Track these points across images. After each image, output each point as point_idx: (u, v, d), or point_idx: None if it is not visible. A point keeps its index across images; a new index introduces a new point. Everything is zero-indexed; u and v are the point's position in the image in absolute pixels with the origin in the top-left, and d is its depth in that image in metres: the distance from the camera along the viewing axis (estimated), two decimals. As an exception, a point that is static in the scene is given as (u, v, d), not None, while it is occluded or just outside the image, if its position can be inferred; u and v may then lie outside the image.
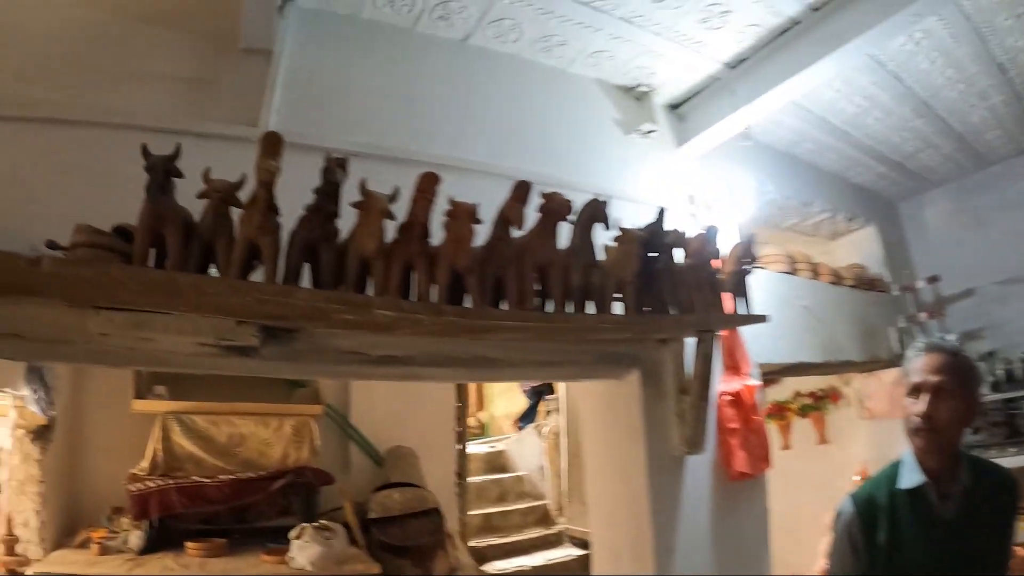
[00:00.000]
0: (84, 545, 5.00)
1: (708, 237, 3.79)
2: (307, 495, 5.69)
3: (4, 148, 2.94)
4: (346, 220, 2.73)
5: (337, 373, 4.44)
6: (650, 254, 3.51)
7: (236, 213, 2.59)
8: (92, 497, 5.52)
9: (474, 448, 8.96)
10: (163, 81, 3.38)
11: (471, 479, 7.89)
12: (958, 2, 4.28)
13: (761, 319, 4.16)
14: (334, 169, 2.74)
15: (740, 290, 4.04)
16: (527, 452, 9.07)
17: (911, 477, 2.46)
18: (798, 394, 7.49)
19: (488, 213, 2.94)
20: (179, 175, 2.57)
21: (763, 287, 5.02)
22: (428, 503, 5.83)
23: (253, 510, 5.46)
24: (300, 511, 5.57)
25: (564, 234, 3.23)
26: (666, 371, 4.15)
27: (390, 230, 2.77)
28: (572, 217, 3.22)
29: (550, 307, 3.18)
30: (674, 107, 5.02)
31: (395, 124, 3.74)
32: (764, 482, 4.68)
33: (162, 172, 2.54)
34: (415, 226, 2.81)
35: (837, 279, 6.22)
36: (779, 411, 7.47)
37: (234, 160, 2.60)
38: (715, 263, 3.88)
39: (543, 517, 8.33)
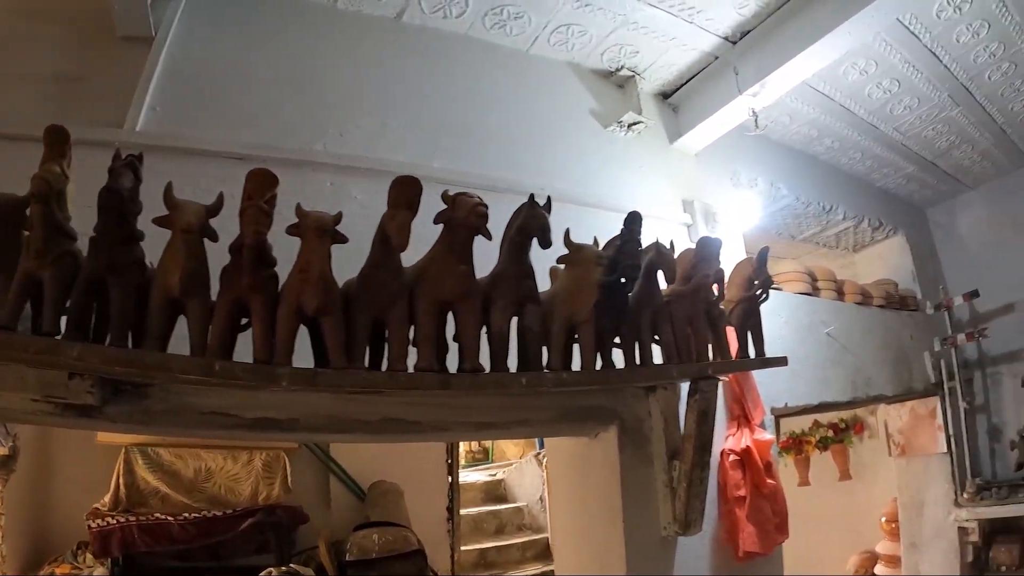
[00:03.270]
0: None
1: (703, 253, 2.54)
2: (284, 533, 5.05)
3: None
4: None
5: (201, 435, 3.37)
6: (618, 279, 2.27)
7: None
8: (60, 530, 5.01)
9: (472, 476, 7.92)
10: (27, 81, 2.53)
11: (468, 510, 6.85)
12: None
13: (779, 362, 2.91)
14: (120, 172, 1.69)
15: (749, 323, 2.79)
16: (527, 481, 7.78)
17: None
18: (817, 424, 6.25)
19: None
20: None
21: (778, 312, 3.83)
22: (411, 544, 4.99)
23: (227, 547, 4.86)
24: (277, 549, 4.96)
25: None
26: (652, 429, 2.92)
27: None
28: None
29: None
30: (666, 96, 3.79)
31: (300, 119, 2.67)
32: (779, 558, 3.43)
33: None
34: (243, 250, 1.75)
35: (865, 298, 4.92)
36: (796, 444, 6.23)
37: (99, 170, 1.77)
38: (714, 288, 2.64)
39: (543, 552, 6.99)
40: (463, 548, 6.29)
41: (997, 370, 5.67)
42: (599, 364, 2.34)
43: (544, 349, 2.21)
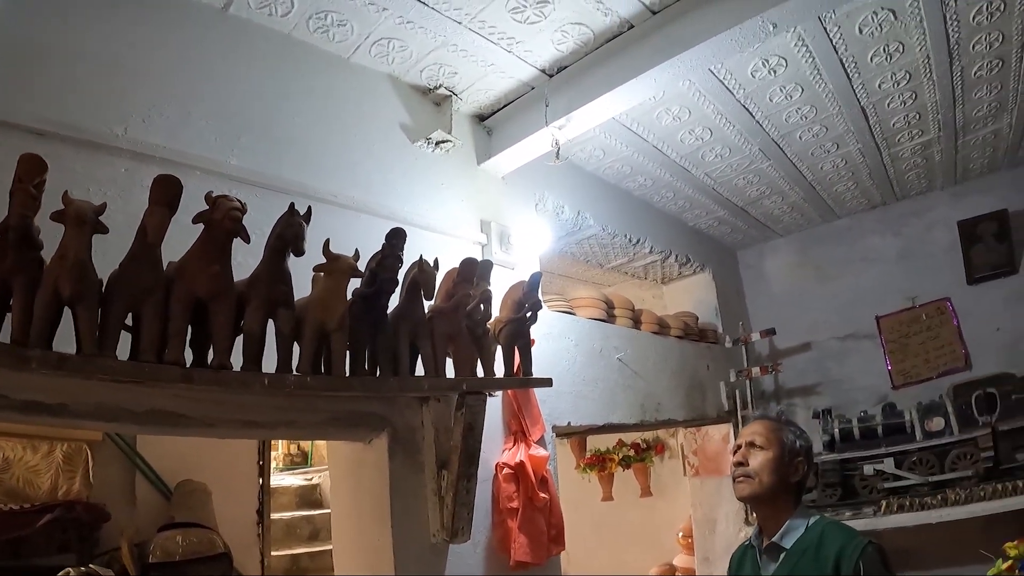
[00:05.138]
0: None
1: (465, 273, 2.71)
2: (86, 531, 4.69)
3: None
4: None
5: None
6: (376, 292, 2.42)
7: None
8: None
9: (287, 480, 7.73)
10: None
11: (280, 515, 6.73)
12: (827, 26, 3.45)
13: (543, 382, 3.12)
14: None
15: (516, 342, 2.99)
16: None
17: (753, 531, 2.42)
18: (621, 443, 6.63)
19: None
20: None
21: (568, 335, 4.08)
22: (216, 547, 4.81)
23: (28, 545, 4.45)
24: (78, 548, 4.60)
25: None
26: (424, 438, 3.06)
27: None
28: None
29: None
30: (482, 119, 3.95)
31: (107, 101, 2.55)
32: (557, 568, 3.66)
33: None
34: (8, 232, 1.79)
35: (661, 328, 5.27)
36: (600, 461, 6.56)
37: None
38: (479, 307, 2.81)
39: (357, 559, 7.06)
40: (275, 553, 6.16)
41: (792, 402, 6.24)
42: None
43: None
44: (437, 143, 3.52)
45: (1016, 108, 4.54)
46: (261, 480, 5.66)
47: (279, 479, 7.35)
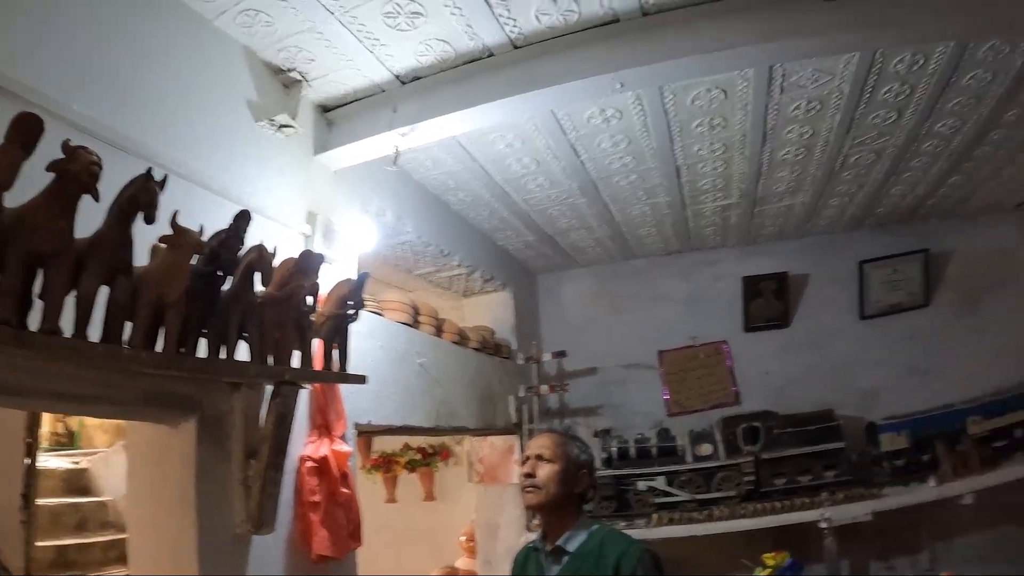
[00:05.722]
0: None
1: (303, 265, 2.72)
2: None
3: None
4: None
5: None
6: (215, 271, 2.41)
7: None
8: None
9: (52, 462, 6.91)
10: None
11: (46, 501, 6.00)
12: (665, 93, 3.85)
13: (358, 379, 3.21)
14: None
15: (336, 338, 3.07)
16: (115, 473, 6.66)
17: (537, 535, 2.64)
18: (407, 447, 6.77)
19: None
20: None
21: (376, 335, 4.17)
22: None
23: None
24: None
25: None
26: (234, 425, 2.97)
27: None
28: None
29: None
30: (326, 110, 3.94)
31: None
32: (353, 563, 3.72)
33: None
34: None
35: (461, 339, 5.50)
36: (386, 463, 6.69)
37: None
38: (307, 300, 2.87)
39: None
40: (39, 544, 5.47)
41: (576, 420, 6.73)
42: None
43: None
44: (280, 126, 3.46)
45: (810, 190, 5.30)
46: (28, 460, 5.03)
47: (43, 460, 6.59)
